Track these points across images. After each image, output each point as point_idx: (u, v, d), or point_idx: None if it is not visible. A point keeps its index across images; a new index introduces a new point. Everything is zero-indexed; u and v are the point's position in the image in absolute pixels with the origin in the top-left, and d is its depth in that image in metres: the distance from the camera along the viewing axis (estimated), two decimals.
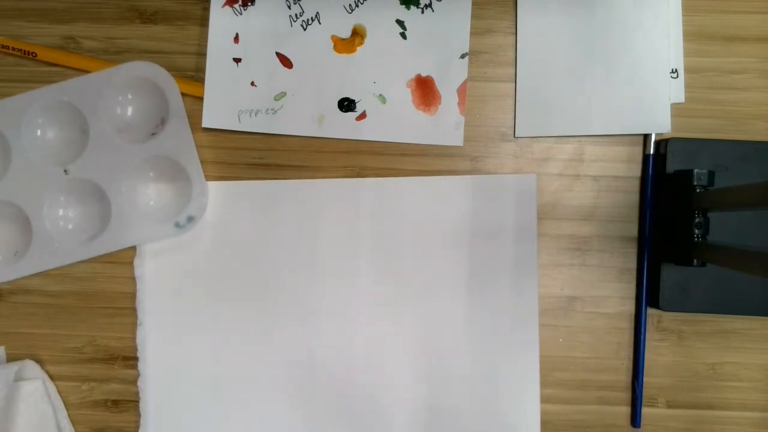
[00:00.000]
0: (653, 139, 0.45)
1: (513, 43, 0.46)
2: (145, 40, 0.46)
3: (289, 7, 0.45)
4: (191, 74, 0.46)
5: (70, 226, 0.46)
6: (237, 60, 0.45)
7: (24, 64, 0.47)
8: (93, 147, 0.45)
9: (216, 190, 0.46)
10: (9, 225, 0.46)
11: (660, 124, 0.45)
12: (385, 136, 0.46)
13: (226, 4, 0.45)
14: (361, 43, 0.45)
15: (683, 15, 0.45)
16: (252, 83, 0.45)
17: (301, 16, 0.45)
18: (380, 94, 0.45)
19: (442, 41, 0.45)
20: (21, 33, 0.47)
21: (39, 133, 0.46)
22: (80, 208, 0.47)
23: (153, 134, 0.46)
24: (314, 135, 0.46)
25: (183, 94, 0.45)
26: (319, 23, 0.45)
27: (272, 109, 0.45)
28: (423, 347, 0.45)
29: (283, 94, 0.45)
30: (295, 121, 0.45)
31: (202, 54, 0.46)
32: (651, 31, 0.45)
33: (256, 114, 0.45)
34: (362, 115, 0.45)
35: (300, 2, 0.45)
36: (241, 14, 0.45)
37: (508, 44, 0.46)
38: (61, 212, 0.46)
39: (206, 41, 0.46)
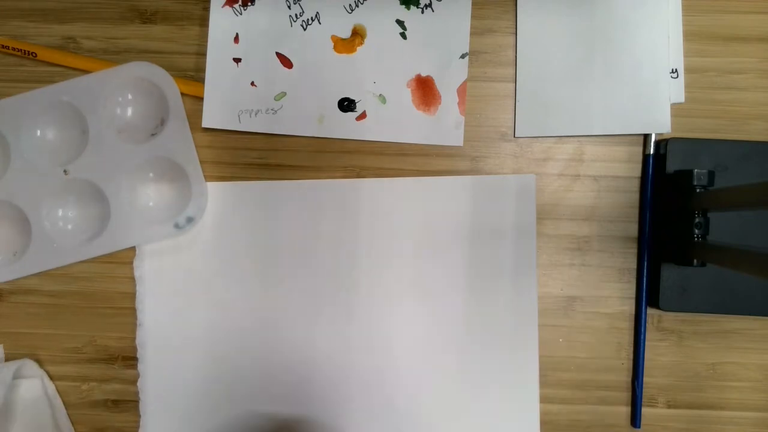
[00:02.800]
0: (653, 139, 0.45)
1: (513, 43, 0.46)
2: (145, 40, 0.46)
3: (289, 7, 0.45)
4: (191, 74, 0.46)
5: (70, 227, 0.46)
6: (237, 60, 0.45)
7: (24, 64, 0.47)
8: (93, 147, 0.45)
9: (215, 190, 0.46)
10: (8, 225, 0.46)
11: (660, 124, 0.45)
12: (385, 136, 0.45)
13: (226, 4, 0.45)
14: (361, 43, 0.45)
15: (683, 15, 0.45)
16: (252, 83, 0.45)
17: (301, 16, 0.45)
18: (380, 94, 0.45)
19: (442, 41, 0.45)
20: (21, 33, 0.47)
21: (39, 133, 0.46)
22: (80, 208, 0.47)
23: (153, 135, 0.46)
24: (314, 135, 0.45)
25: (183, 94, 0.45)
26: (319, 23, 0.45)
27: (272, 109, 0.45)
28: (423, 347, 0.45)
29: (283, 94, 0.45)
30: (295, 121, 0.45)
31: (202, 54, 0.46)
32: (651, 31, 0.45)
33: (256, 114, 0.45)
34: (362, 115, 0.45)
35: (300, 2, 0.45)
36: (241, 14, 0.45)
37: (508, 44, 0.46)
38: (60, 213, 0.46)
39: (206, 41, 0.46)
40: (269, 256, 0.46)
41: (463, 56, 0.45)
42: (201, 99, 0.46)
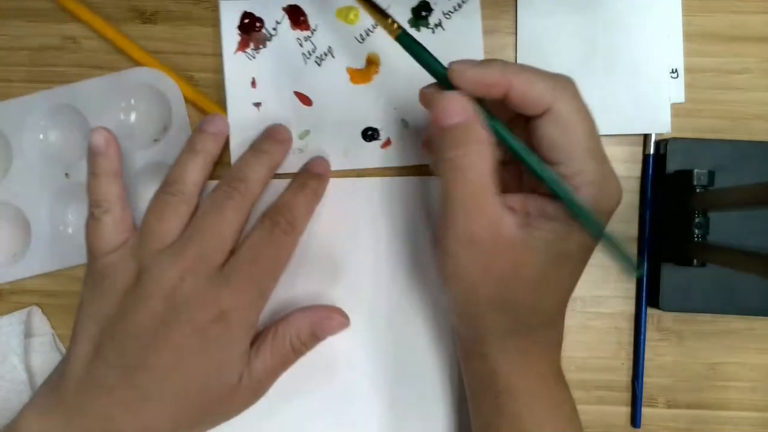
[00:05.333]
0: (653, 139, 0.45)
1: (513, 43, 0.46)
2: (145, 40, 0.46)
3: (301, 45, 0.45)
4: (191, 74, 0.46)
5: (70, 230, 0.46)
6: (257, 105, 0.45)
7: (25, 64, 0.46)
8: None
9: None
10: (8, 226, 0.46)
11: (660, 124, 0.45)
12: (412, 159, 0.45)
13: (238, 50, 0.45)
14: (377, 72, 0.45)
15: (683, 15, 0.45)
16: None
17: (314, 52, 0.45)
18: (402, 119, 0.45)
19: (456, 58, 0.45)
20: (21, 33, 0.47)
21: (41, 136, 0.46)
22: (80, 212, 0.46)
23: (155, 140, 0.46)
24: (341, 168, 0.45)
25: (187, 100, 0.45)
26: (333, 57, 0.45)
27: (298, 149, 0.45)
28: (422, 347, 0.45)
29: (306, 132, 0.45)
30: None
31: (202, 54, 0.46)
32: (651, 31, 0.45)
33: None
34: (387, 142, 0.45)
35: (311, 39, 0.45)
36: (254, 58, 0.45)
37: (508, 44, 0.46)
38: (61, 216, 0.46)
39: (206, 42, 0.46)
40: None
41: None
42: (201, 104, 0.46)
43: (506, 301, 0.36)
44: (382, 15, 0.38)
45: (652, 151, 0.45)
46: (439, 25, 0.45)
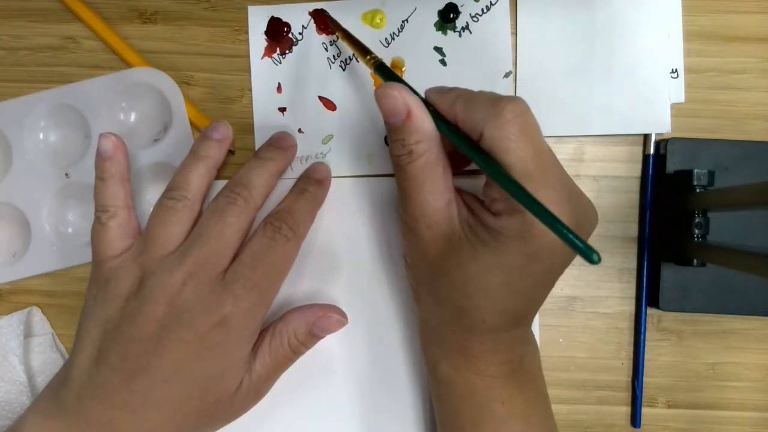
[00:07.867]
0: (653, 139, 0.45)
1: (513, 42, 0.46)
2: (145, 40, 0.46)
3: (326, 50, 0.45)
4: (191, 74, 0.46)
5: (70, 230, 0.46)
6: (282, 109, 0.45)
7: (25, 64, 0.47)
8: (95, 151, 0.45)
9: (216, 190, 0.46)
10: (8, 226, 0.46)
11: (660, 124, 0.45)
12: None
13: (264, 55, 0.45)
14: (401, 76, 0.45)
15: (683, 15, 0.45)
16: (299, 130, 0.45)
17: (338, 57, 0.45)
18: None
19: (484, 62, 0.44)
20: (21, 33, 0.47)
21: (41, 136, 0.46)
22: (80, 211, 0.47)
23: (155, 140, 0.46)
24: (364, 173, 0.45)
25: (187, 102, 0.45)
26: (357, 62, 0.45)
27: (321, 153, 0.45)
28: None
29: (330, 137, 0.45)
30: (344, 162, 0.45)
31: (202, 54, 0.46)
32: (651, 31, 0.45)
33: (306, 160, 0.45)
34: None
35: (336, 43, 0.45)
36: (280, 63, 0.45)
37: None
38: (60, 216, 0.46)
39: (206, 42, 0.46)
40: None
41: (506, 75, 0.45)
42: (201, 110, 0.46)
43: (440, 298, 0.37)
44: (362, 51, 0.41)
45: (652, 151, 0.45)
46: (466, 28, 0.45)
